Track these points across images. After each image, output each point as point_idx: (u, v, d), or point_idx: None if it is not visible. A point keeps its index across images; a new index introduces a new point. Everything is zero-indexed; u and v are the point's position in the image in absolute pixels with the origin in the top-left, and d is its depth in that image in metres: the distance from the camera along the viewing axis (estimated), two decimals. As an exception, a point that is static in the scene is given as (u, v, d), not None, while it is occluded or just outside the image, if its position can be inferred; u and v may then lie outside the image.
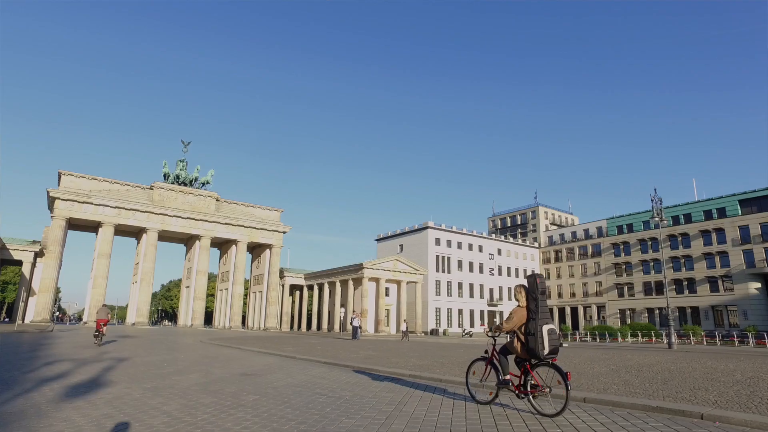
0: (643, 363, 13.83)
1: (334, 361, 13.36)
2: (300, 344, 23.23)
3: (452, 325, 70.20)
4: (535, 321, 5.86)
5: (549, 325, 5.85)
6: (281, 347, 20.04)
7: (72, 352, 16.29)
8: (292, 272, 71.80)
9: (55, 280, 53.32)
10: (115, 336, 30.85)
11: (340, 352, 17.73)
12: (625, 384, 8.87)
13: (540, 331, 5.77)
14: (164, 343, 23.22)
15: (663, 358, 16.90)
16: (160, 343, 23.06)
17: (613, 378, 9.83)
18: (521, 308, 6.12)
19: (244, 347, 20.10)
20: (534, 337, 5.81)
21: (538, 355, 5.80)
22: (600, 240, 78.97)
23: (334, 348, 20.65)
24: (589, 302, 78.80)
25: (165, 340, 27.43)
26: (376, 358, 14.98)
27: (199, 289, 62.72)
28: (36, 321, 50.75)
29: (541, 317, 5.86)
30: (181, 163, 65.61)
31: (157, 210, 60.15)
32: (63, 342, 22.90)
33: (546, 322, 5.86)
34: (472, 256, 75.96)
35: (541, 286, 6.00)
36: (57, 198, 54.07)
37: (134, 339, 26.91)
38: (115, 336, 30.85)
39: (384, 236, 79.82)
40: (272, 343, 24.99)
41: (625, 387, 8.45)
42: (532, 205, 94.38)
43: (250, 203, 69.28)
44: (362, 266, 59.53)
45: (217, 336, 35.09)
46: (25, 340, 23.65)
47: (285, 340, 28.42)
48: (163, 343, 23.16)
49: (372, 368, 11.49)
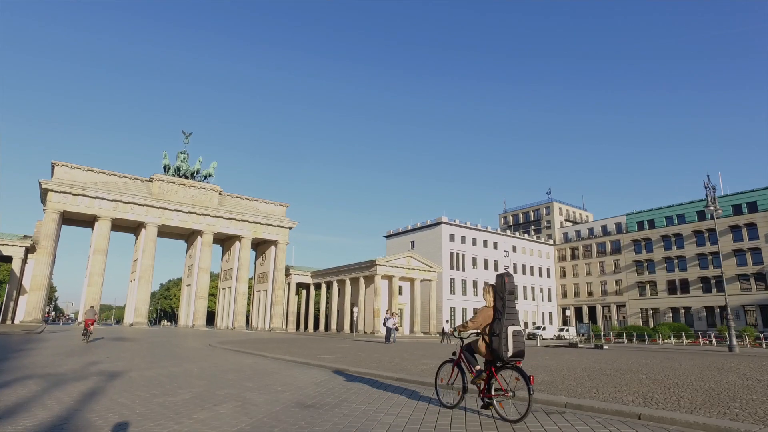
0: (751, 376, 10.34)
1: (420, 378, 9.20)
2: (333, 350, 19.74)
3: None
4: (501, 321, 5.65)
5: (515, 327, 5.62)
6: (315, 354, 16.58)
7: (51, 362, 12.84)
8: (298, 270, 68.33)
9: (47, 277, 49.80)
10: (110, 338, 27.37)
11: (405, 363, 13.24)
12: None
13: (504, 332, 5.58)
14: (167, 348, 19.77)
15: (750, 365, 13.47)
16: (162, 348, 19.61)
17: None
18: (488, 308, 5.96)
19: (268, 354, 16.62)
20: (498, 337, 5.61)
21: (501, 357, 5.58)
22: (619, 236, 75.62)
23: (386, 355, 16.66)
24: (607, 301, 75.47)
25: (167, 343, 23.97)
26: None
27: (201, 288, 59.25)
28: (26, 321, 47.28)
29: (507, 318, 5.65)
30: (182, 155, 62.11)
31: (156, 203, 56.65)
32: (47, 347, 19.44)
33: (512, 323, 5.64)
34: (487, 253, 72.57)
35: (509, 286, 5.78)
36: (50, 190, 50.55)
37: (131, 343, 23.45)
38: (110, 338, 27.37)
39: (394, 232, 76.35)
40: (297, 347, 21.56)
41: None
42: (546, 200, 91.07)
43: (254, 197, 65.77)
44: (375, 263, 56.11)
45: (225, 338, 31.61)
46: (4, 344, 20.15)
47: (307, 344, 24.99)
48: (165, 348, 19.70)
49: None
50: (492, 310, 5.82)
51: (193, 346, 21.30)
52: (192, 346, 21.28)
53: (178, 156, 62.00)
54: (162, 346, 21.31)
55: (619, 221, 77.56)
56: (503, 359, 5.54)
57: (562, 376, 10.13)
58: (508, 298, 5.68)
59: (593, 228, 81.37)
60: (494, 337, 5.63)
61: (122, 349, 18.99)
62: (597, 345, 33.98)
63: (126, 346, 20.58)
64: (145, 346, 20.92)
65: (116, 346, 20.35)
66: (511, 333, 5.52)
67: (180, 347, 20.80)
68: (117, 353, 16.32)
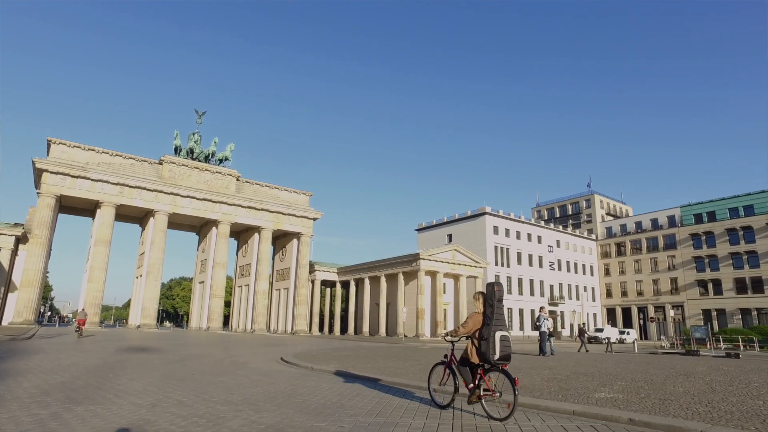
0: None
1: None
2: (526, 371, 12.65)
3: (513, 328, 59.73)
4: (489, 326, 6.01)
5: (502, 332, 5.99)
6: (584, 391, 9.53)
7: (26, 400, 5.80)
8: (323, 266, 61.21)
9: (41, 271, 42.71)
10: (121, 346, 20.19)
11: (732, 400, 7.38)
12: None
13: (492, 337, 5.93)
14: (235, 374, 12.24)
15: None
16: (230, 377, 11.82)
17: None
18: (478, 314, 6.31)
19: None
20: (486, 342, 5.96)
21: (489, 360, 5.93)
22: (674, 230, 68.67)
23: (620, 379, 10.02)
24: (661, 301, 68.47)
25: (218, 360, 16.64)
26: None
27: (217, 285, 52.15)
28: (15, 323, 40.20)
29: (495, 323, 6.01)
30: (194, 136, 54.99)
31: (167, 188, 49.57)
32: (30, 363, 12.45)
33: (500, 328, 6.01)
34: (531, 247, 65.53)
35: (498, 294, 6.16)
36: (45, 170, 43.49)
37: (159, 359, 16.31)
38: (121, 346, 20.19)
39: (427, 225, 69.24)
40: (402, 360, 14.47)
41: None
42: (585, 193, 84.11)
43: (274, 184, 58.68)
44: (418, 256, 49.05)
45: (281, 345, 24.47)
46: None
47: (401, 354, 17.87)
48: (233, 375, 12.06)
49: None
50: (482, 316, 6.22)
51: (271, 369, 13.96)
52: (269, 369, 13.94)
53: (190, 137, 54.92)
54: (218, 367, 13.98)
55: (672, 214, 70.62)
56: (491, 362, 5.94)
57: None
58: (497, 306, 6.09)
59: (641, 222, 74.40)
60: (483, 341, 6.03)
61: (153, 374, 11.86)
62: (730, 353, 26.85)
63: (155, 366, 13.48)
64: (190, 367, 13.73)
65: (141, 367, 13.23)
66: (499, 338, 5.92)
67: (252, 370, 13.43)
68: (155, 388, 9.20)
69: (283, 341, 32.17)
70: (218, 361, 15.51)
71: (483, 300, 6.28)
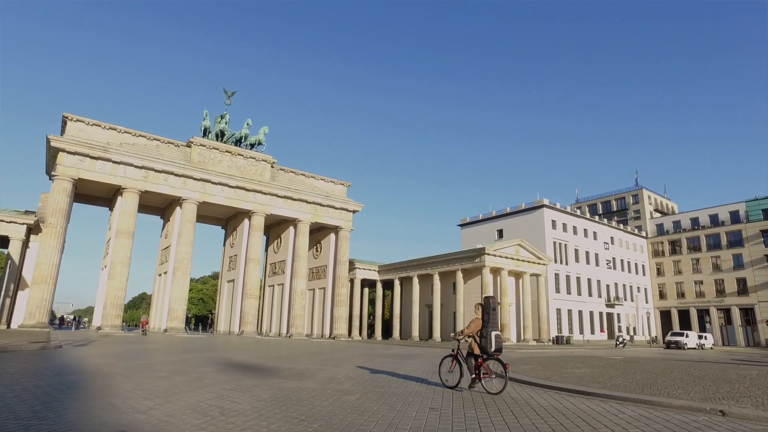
0: None
1: None
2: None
3: (572, 330, 54.02)
4: (487, 328, 8.53)
5: (496, 332, 8.59)
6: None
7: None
8: (363, 264, 55.42)
9: (56, 266, 36.96)
10: (206, 361, 14.37)
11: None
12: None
13: (489, 336, 8.47)
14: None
15: None
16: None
17: None
18: (478, 319, 8.81)
19: None
20: (486, 339, 8.49)
21: (488, 352, 8.50)
22: (739, 227, 63.11)
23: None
24: (726, 303, 62.85)
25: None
26: None
27: (251, 284, 46.43)
28: (27, 325, 34.47)
29: (491, 326, 8.55)
30: (223, 118, 49.27)
31: (197, 174, 43.93)
32: (96, 382, 6.65)
33: (494, 329, 8.58)
34: (588, 244, 59.90)
35: (493, 304, 8.75)
36: (61, 150, 37.83)
37: (312, 385, 10.60)
38: (206, 361, 14.37)
39: (472, 220, 63.49)
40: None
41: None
42: (632, 188, 78.57)
43: (310, 173, 53.02)
44: (483, 251, 43.39)
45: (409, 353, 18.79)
46: (16, 376, 7.40)
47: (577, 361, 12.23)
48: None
49: None
50: (481, 321, 8.71)
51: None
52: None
53: (218, 119, 49.22)
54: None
55: (735, 209, 65.09)
56: (489, 353, 8.51)
57: None
58: (492, 313, 8.63)
59: (698, 218, 68.85)
60: (483, 339, 8.53)
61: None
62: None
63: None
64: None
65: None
66: (494, 336, 8.50)
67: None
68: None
69: (367, 349, 26.42)
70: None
71: (482, 309, 8.78)
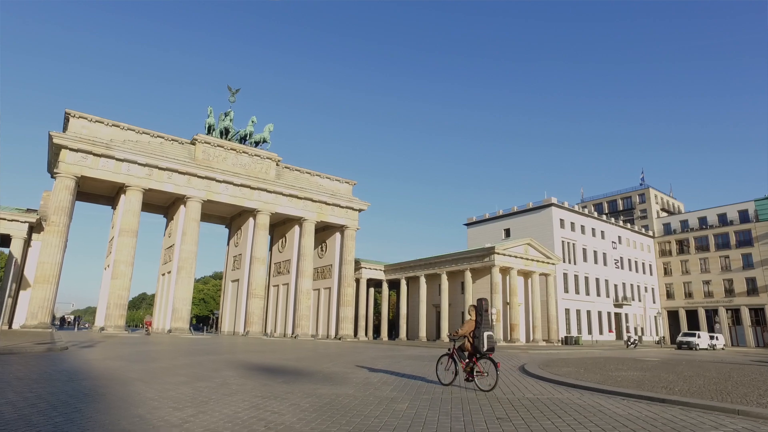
0: None
1: None
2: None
3: (581, 330, 53.28)
4: (480, 329, 8.99)
5: (488, 332, 9.02)
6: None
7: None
8: (369, 263, 54.66)
9: (58, 265, 36.17)
10: (227, 363, 13.58)
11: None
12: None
13: (482, 336, 8.92)
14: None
15: None
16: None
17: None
18: (471, 320, 9.24)
19: None
20: (478, 339, 8.93)
21: (480, 351, 8.95)
22: (749, 226, 62.44)
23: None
24: (734, 303, 62.18)
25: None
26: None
27: (257, 284, 45.66)
28: (29, 326, 33.69)
29: (483, 327, 9.01)
30: (227, 116, 48.46)
31: (202, 172, 43.15)
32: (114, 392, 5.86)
33: (487, 329, 9.02)
34: (596, 243, 59.18)
35: (485, 306, 9.20)
36: (64, 147, 37.07)
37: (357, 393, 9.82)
38: (227, 363, 13.58)
39: (478, 219, 62.72)
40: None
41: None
42: (637, 187, 77.88)
43: (315, 171, 52.24)
44: (492, 250, 42.63)
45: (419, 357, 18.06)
46: (26, 382, 6.61)
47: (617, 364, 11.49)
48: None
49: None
50: (474, 322, 9.13)
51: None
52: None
53: (221, 117, 48.41)
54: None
55: (744, 208, 64.44)
56: (481, 352, 8.95)
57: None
58: (484, 315, 9.06)
59: (705, 217, 68.17)
60: (476, 339, 8.96)
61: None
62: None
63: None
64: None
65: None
66: (486, 336, 8.93)
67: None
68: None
69: (380, 350, 25.66)
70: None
71: (475, 311, 9.21)
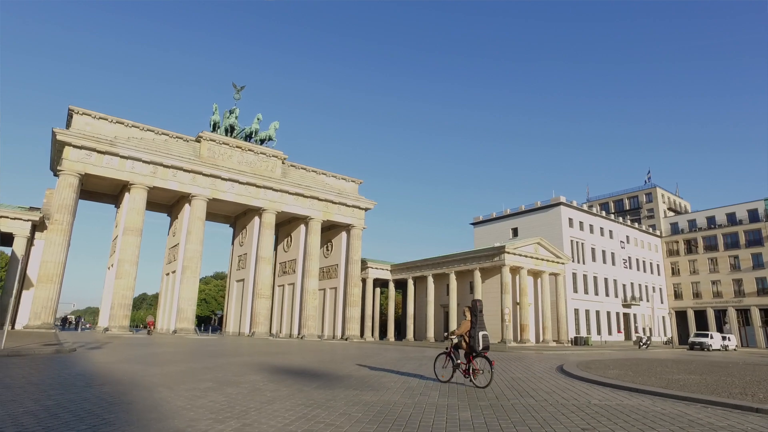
0: None
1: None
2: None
3: (590, 331, 52.56)
4: (475, 329, 9.39)
5: (483, 332, 9.40)
6: None
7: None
8: (376, 263, 53.94)
9: (62, 264, 35.48)
10: (250, 365, 12.81)
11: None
12: None
13: (477, 335, 9.32)
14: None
15: None
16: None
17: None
18: (467, 321, 9.63)
19: None
20: (474, 338, 9.34)
21: (476, 350, 9.34)
22: (759, 225, 61.77)
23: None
24: (745, 303, 61.51)
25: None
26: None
27: (262, 284, 44.96)
28: (32, 326, 32.98)
29: (478, 327, 9.40)
30: (232, 113, 47.70)
31: (207, 170, 42.42)
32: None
33: (481, 329, 9.42)
34: (605, 243, 58.47)
35: (480, 307, 9.59)
36: (68, 144, 36.36)
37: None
38: (250, 365, 12.81)
39: (485, 219, 61.97)
40: None
41: None
42: (643, 186, 77.22)
43: (320, 169, 51.45)
44: (503, 249, 41.89)
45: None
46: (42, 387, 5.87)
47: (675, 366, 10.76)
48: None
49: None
50: (469, 323, 9.51)
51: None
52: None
53: (226, 114, 47.68)
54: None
55: (753, 208, 63.79)
56: (477, 351, 9.32)
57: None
58: (479, 316, 9.45)
59: (714, 216, 67.52)
60: (471, 338, 9.36)
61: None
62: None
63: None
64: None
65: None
66: (481, 336, 9.30)
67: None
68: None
69: (396, 351, 24.90)
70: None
71: (470, 312, 9.60)
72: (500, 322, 41.20)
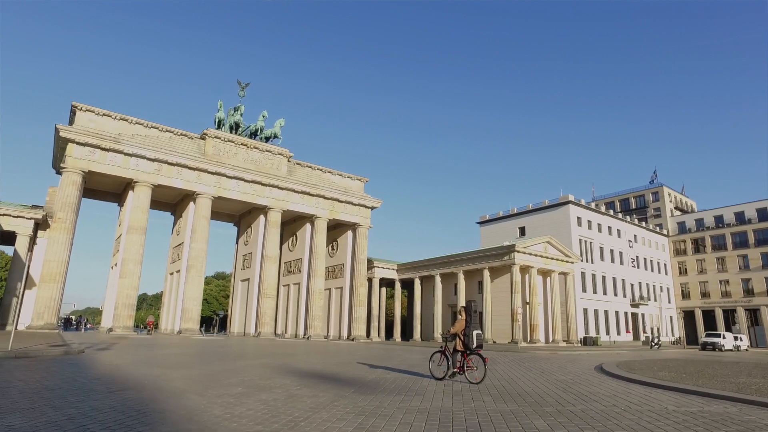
0: None
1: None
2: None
3: (598, 331, 51.89)
4: (469, 328, 10.01)
5: (477, 331, 10.06)
6: None
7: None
8: (382, 262, 53.23)
9: (65, 263, 34.71)
10: (280, 369, 12.12)
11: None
12: None
13: (471, 334, 9.95)
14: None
15: None
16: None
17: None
18: (462, 320, 10.25)
19: None
20: (468, 337, 9.97)
21: (470, 348, 10.00)
22: (767, 224, 61.16)
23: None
24: (754, 303, 60.91)
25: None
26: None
27: (268, 283, 44.22)
28: (35, 326, 32.24)
29: (472, 326, 10.04)
30: (236, 111, 46.96)
31: (212, 167, 41.69)
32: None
33: (475, 328, 10.06)
34: (612, 242, 57.82)
35: (474, 308, 10.32)
36: (71, 141, 35.60)
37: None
38: (280, 369, 12.12)
39: (492, 218, 61.30)
40: None
41: None
42: (649, 186, 76.55)
43: (326, 167, 50.72)
44: (513, 249, 41.24)
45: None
46: (61, 393, 5.12)
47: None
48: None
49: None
50: (464, 322, 10.11)
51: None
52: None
53: (230, 112, 46.95)
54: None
55: (762, 206, 63.19)
56: (471, 349, 9.97)
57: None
58: (473, 315, 10.11)
59: (722, 215, 66.92)
60: (466, 337, 9.95)
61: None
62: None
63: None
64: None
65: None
66: (475, 334, 9.95)
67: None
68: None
69: (406, 351, 24.20)
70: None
71: (465, 312, 10.25)
72: (510, 322, 40.54)
